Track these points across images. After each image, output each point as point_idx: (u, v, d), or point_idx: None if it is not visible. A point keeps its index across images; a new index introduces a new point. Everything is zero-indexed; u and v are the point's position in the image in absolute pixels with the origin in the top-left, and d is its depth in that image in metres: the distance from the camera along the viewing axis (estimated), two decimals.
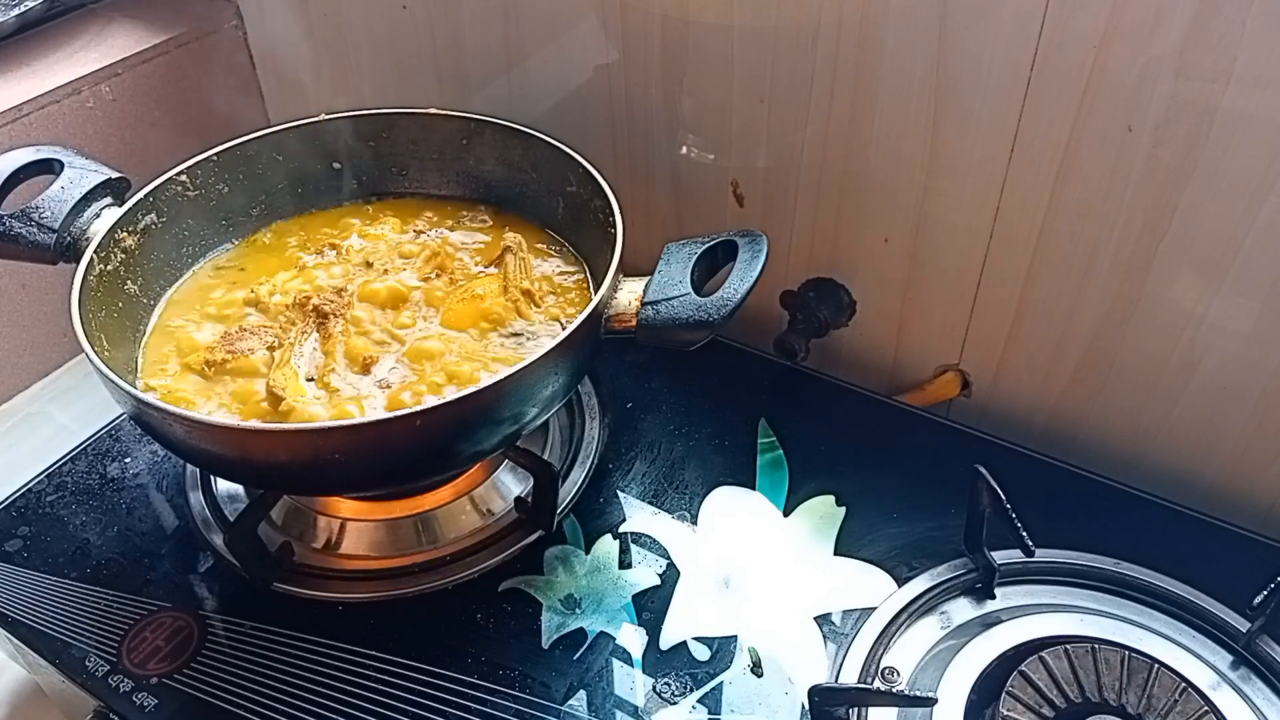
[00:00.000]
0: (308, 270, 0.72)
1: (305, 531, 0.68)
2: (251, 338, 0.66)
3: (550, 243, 0.75)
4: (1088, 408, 0.76)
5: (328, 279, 0.70)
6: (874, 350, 0.84)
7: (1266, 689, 0.58)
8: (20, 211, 0.67)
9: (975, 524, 0.62)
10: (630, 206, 0.66)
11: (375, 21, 0.92)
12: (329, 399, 0.62)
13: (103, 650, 0.62)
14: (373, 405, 0.62)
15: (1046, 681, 0.56)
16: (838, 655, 0.60)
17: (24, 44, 0.98)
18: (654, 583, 0.65)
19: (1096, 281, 0.69)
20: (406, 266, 0.71)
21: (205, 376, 0.64)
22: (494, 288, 0.68)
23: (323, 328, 0.66)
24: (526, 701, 0.59)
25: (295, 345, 0.65)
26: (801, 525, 0.68)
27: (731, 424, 0.75)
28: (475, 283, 0.69)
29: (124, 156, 0.96)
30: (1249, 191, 0.61)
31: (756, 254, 0.60)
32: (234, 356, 0.64)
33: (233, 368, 0.64)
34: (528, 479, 0.70)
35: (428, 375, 0.63)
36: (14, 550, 0.68)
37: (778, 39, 0.72)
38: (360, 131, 0.77)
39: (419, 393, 0.62)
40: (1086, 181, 0.66)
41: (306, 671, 0.60)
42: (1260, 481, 0.71)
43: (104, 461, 0.74)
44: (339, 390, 0.62)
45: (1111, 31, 0.60)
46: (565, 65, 0.84)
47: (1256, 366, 0.67)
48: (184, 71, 1.01)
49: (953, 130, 0.69)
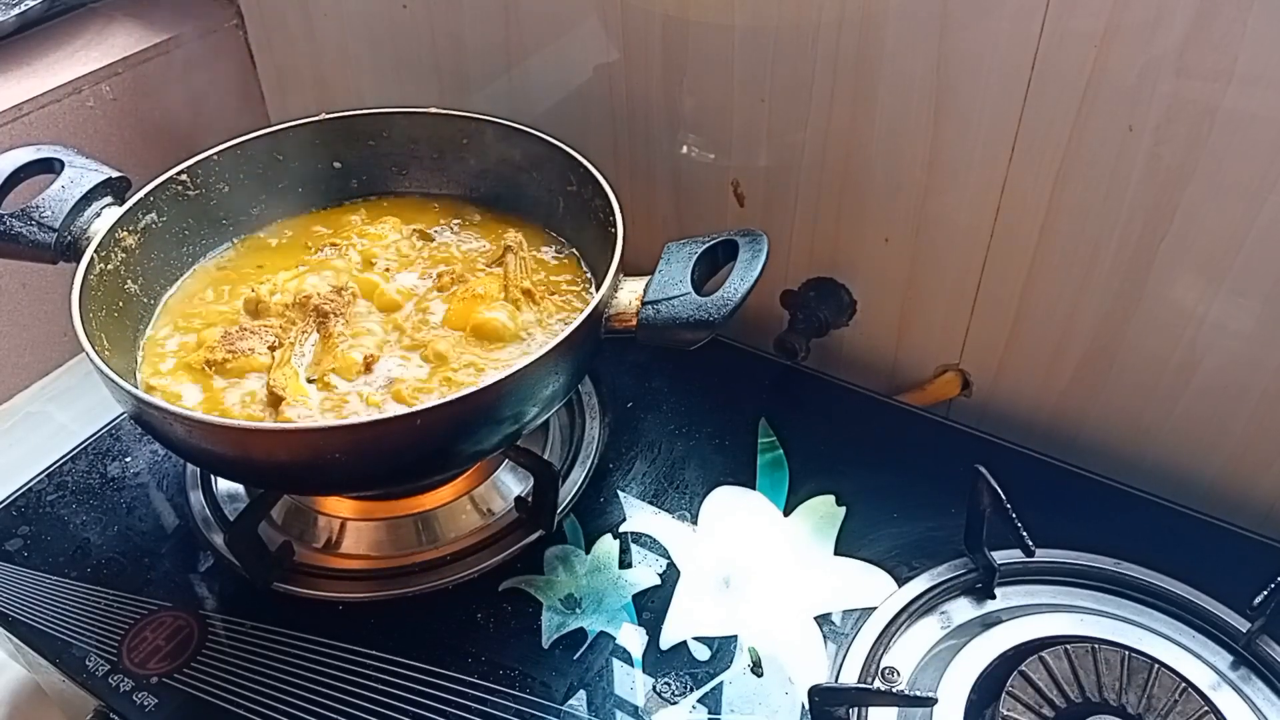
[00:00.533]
0: (308, 269, 0.72)
1: (305, 531, 0.68)
2: (252, 337, 0.66)
3: (550, 242, 0.75)
4: (1088, 408, 0.76)
5: (330, 278, 0.71)
6: (874, 350, 0.84)
7: (1266, 689, 0.58)
8: (20, 211, 0.67)
9: (975, 524, 0.62)
10: (631, 206, 0.66)
11: (375, 21, 0.92)
12: (329, 398, 0.62)
13: (103, 650, 0.62)
14: (374, 404, 0.62)
15: (1046, 681, 0.56)
16: (838, 655, 0.60)
17: (24, 43, 0.98)
18: (654, 582, 0.65)
19: (1097, 281, 0.69)
20: (407, 266, 0.71)
21: (205, 375, 0.64)
22: (494, 287, 0.68)
23: (323, 327, 0.66)
24: (526, 701, 0.59)
25: (295, 345, 0.65)
26: (802, 525, 0.68)
27: (732, 424, 0.75)
28: (476, 282, 0.69)
29: (124, 156, 0.96)
30: (1250, 191, 0.61)
31: (757, 254, 0.60)
32: (234, 356, 0.64)
33: (233, 367, 0.64)
34: (528, 479, 0.70)
35: (429, 374, 0.63)
36: (14, 550, 0.68)
37: (778, 39, 0.72)
38: (360, 131, 0.77)
39: (421, 390, 0.62)
40: (1087, 181, 0.66)
41: (306, 671, 0.60)
42: (1260, 481, 0.71)
43: (104, 461, 0.74)
44: (338, 389, 0.62)
45: (1112, 31, 0.60)
46: (565, 65, 0.84)
47: (1257, 366, 0.67)
48: (184, 71, 1.01)
49: (953, 130, 0.69)
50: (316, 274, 0.71)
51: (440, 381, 0.63)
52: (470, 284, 0.69)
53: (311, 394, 0.62)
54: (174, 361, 0.66)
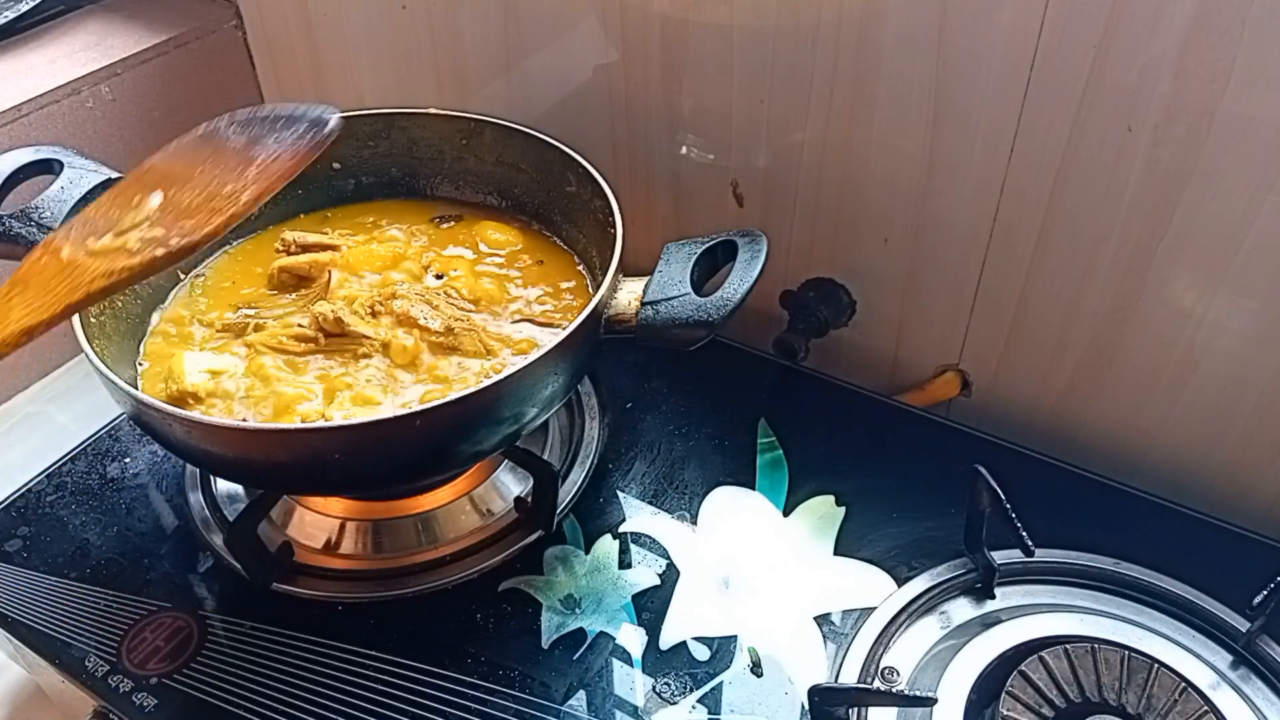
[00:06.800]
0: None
1: (305, 531, 0.68)
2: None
3: (549, 243, 0.75)
4: (1088, 407, 0.76)
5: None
6: (874, 350, 0.84)
7: (1266, 689, 0.58)
8: (20, 211, 0.67)
9: (975, 524, 0.62)
10: (630, 206, 0.66)
11: (375, 21, 0.92)
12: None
13: (102, 650, 0.62)
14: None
15: (1046, 681, 0.56)
16: (838, 655, 0.60)
17: (24, 44, 0.98)
18: (654, 583, 0.65)
19: (1096, 281, 0.69)
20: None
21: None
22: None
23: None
24: (526, 701, 0.59)
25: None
26: (801, 525, 0.68)
27: (731, 424, 0.75)
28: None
29: (124, 156, 0.96)
30: (1249, 191, 0.61)
31: (756, 254, 0.60)
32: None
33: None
34: (528, 479, 0.70)
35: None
36: (14, 550, 0.68)
37: (777, 39, 0.72)
38: (360, 131, 0.77)
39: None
40: (1085, 182, 0.66)
41: (306, 671, 0.60)
42: (1260, 481, 0.71)
43: (104, 461, 0.74)
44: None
45: (1111, 31, 0.60)
46: (565, 65, 0.84)
47: (1256, 366, 0.67)
48: (184, 71, 1.01)
49: (952, 130, 0.69)
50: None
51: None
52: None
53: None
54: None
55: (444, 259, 0.73)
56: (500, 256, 0.73)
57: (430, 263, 0.72)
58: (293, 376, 0.63)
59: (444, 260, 0.72)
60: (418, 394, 0.62)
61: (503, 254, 0.73)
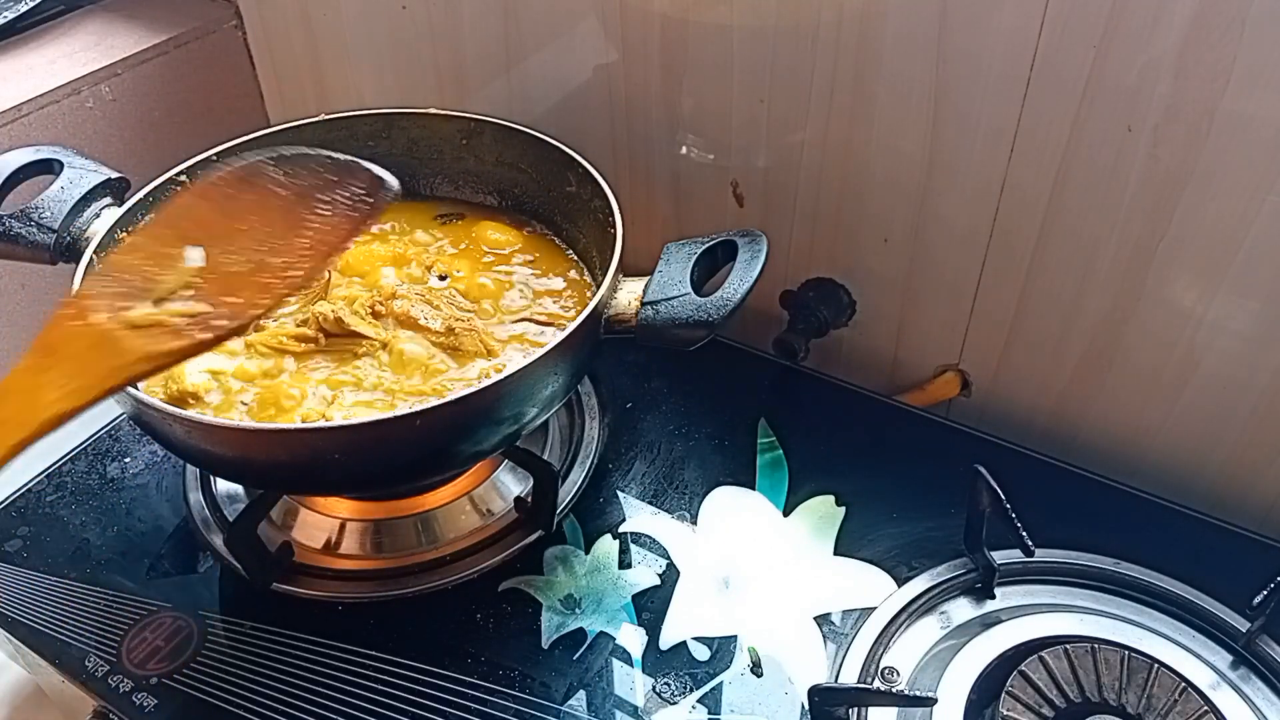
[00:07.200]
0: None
1: (305, 531, 0.68)
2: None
3: (549, 243, 0.75)
4: (1087, 407, 0.76)
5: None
6: (874, 350, 0.84)
7: (1266, 689, 0.58)
8: (20, 211, 0.67)
9: (975, 524, 0.62)
10: (630, 206, 0.66)
11: (375, 21, 0.92)
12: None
13: (102, 650, 0.62)
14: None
15: (1046, 681, 0.56)
16: (838, 655, 0.60)
17: (24, 44, 0.98)
18: (654, 583, 0.65)
19: (1096, 281, 0.69)
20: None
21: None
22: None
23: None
24: (526, 701, 0.59)
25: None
26: (801, 525, 0.68)
27: (731, 424, 0.75)
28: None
29: (124, 156, 0.96)
30: (1249, 191, 0.61)
31: (756, 254, 0.60)
32: None
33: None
34: (528, 479, 0.70)
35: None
36: (14, 550, 0.68)
37: (777, 39, 0.72)
38: (360, 131, 0.76)
39: None
40: (1086, 181, 0.66)
41: (306, 671, 0.60)
42: (1260, 481, 0.71)
43: (104, 461, 0.74)
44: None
45: (1111, 31, 0.60)
46: (565, 65, 0.84)
47: (1256, 366, 0.67)
48: (184, 71, 1.01)
49: (953, 130, 0.69)
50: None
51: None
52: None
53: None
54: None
55: (446, 259, 0.73)
56: (500, 256, 0.73)
57: (432, 263, 0.72)
58: (293, 377, 0.63)
59: (446, 260, 0.72)
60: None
61: (503, 254, 0.73)
